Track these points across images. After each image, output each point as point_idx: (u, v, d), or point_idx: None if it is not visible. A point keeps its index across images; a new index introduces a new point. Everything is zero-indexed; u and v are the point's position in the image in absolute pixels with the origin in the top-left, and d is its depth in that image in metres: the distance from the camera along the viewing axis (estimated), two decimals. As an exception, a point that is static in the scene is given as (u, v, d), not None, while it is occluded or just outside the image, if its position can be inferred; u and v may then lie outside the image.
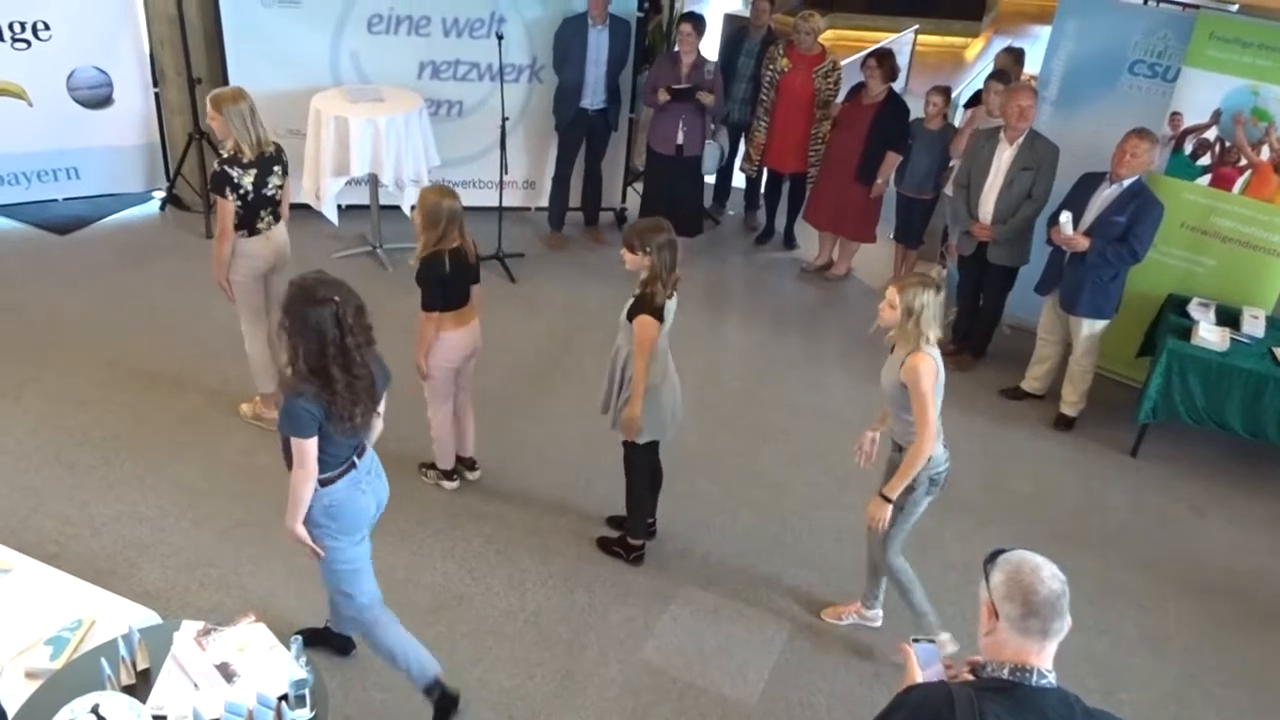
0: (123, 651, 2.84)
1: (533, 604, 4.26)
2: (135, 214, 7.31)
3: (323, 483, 3.21)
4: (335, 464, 3.22)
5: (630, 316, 3.97)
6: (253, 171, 4.59)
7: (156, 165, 7.32)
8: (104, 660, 2.78)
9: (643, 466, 4.34)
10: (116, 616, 3.15)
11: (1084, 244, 5.17)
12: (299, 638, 2.84)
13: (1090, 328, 5.41)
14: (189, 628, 3.01)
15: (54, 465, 4.80)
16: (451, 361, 4.48)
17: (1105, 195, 5.21)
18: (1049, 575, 2.08)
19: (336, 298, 3.04)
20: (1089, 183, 5.31)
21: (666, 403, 4.17)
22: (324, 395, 3.03)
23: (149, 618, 3.23)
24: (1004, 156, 5.57)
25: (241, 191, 4.58)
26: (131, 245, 6.87)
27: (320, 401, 3.03)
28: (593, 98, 6.89)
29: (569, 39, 6.76)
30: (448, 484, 4.81)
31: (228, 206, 4.58)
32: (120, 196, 7.31)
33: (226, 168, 4.54)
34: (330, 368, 3.04)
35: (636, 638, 4.15)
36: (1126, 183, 5.13)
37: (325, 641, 3.86)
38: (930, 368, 3.58)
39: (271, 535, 4.48)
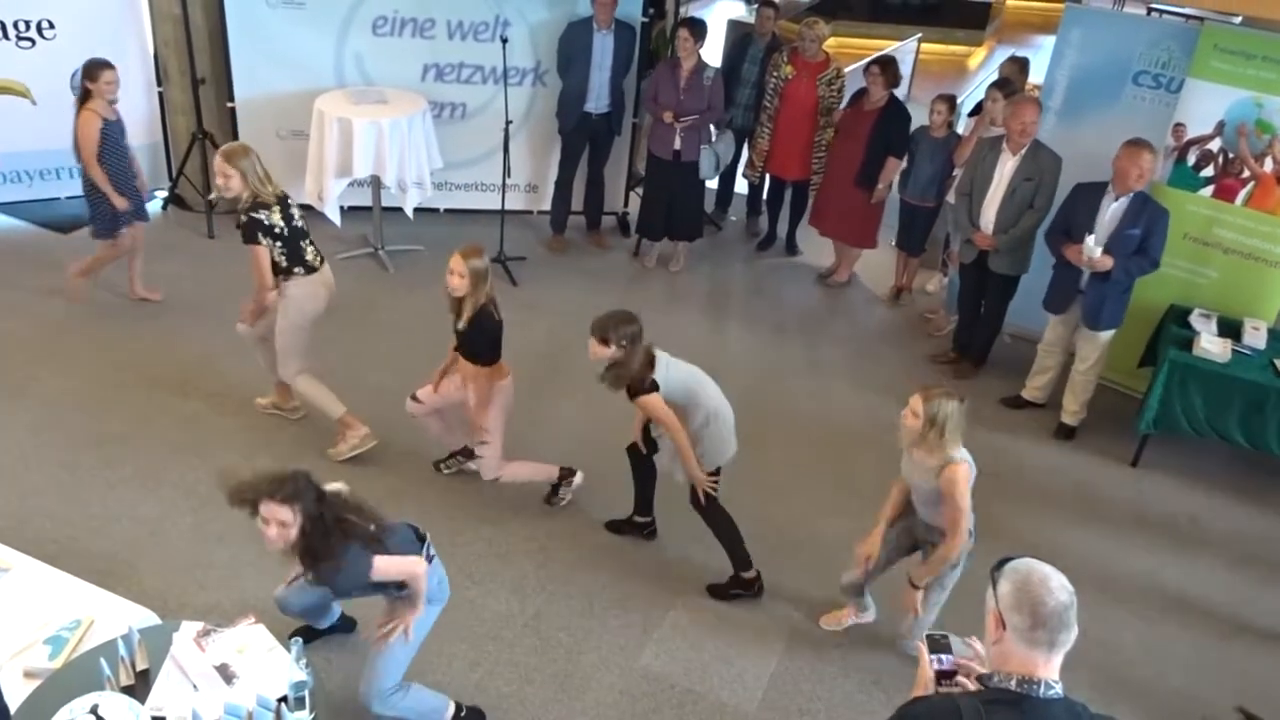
0: (122, 652, 2.84)
1: (532, 608, 4.25)
2: (137, 213, 7.30)
3: (429, 559, 3.26)
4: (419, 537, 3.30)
5: (632, 398, 3.99)
6: (277, 209, 4.57)
7: (159, 165, 7.32)
8: (103, 660, 2.78)
9: (716, 503, 4.30)
10: (116, 617, 3.15)
11: (1109, 263, 5.12)
12: (299, 639, 2.84)
13: (1104, 338, 5.41)
14: (188, 628, 3.00)
15: (54, 465, 4.79)
16: (509, 408, 4.53)
17: (1114, 209, 5.16)
18: (1057, 586, 2.06)
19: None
20: (1089, 196, 5.27)
21: (715, 434, 4.17)
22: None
23: (148, 618, 3.22)
24: (1006, 166, 5.57)
25: (277, 230, 4.55)
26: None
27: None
28: (597, 102, 6.90)
29: (574, 43, 6.77)
30: (567, 492, 4.80)
31: (264, 255, 4.55)
32: (123, 196, 7.29)
33: (254, 214, 4.51)
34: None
35: (636, 643, 4.15)
36: (1132, 193, 5.11)
37: (326, 633, 3.89)
38: (966, 476, 3.63)
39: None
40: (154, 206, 7.38)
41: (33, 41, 6.60)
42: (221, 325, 5.81)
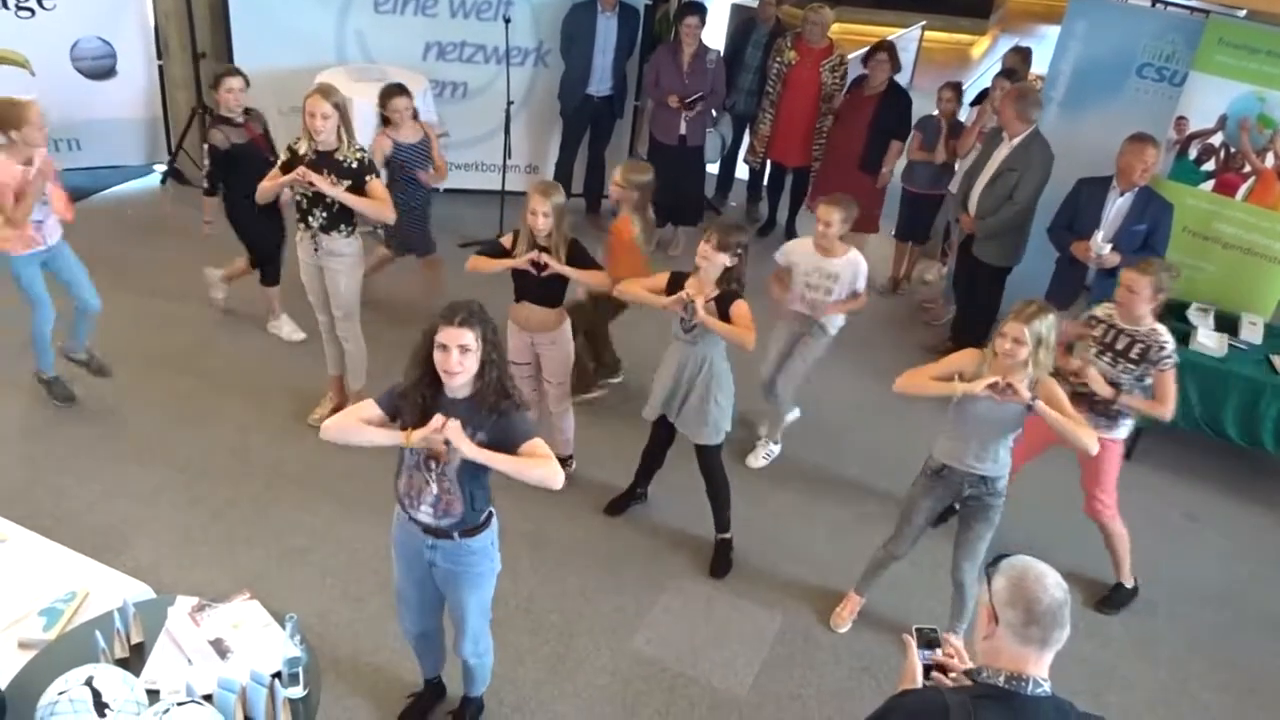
0: (117, 624, 2.84)
1: (525, 590, 4.27)
2: (136, 187, 7.29)
3: (494, 515, 3.19)
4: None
5: (725, 310, 4.01)
6: None
7: (158, 139, 7.30)
8: (98, 633, 2.78)
9: (720, 464, 4.36)
10: (110, 590, 3.15)
11: (1118, 260, 5.01)
12: (294, 615, 2.84)
13: None
14: (184, 603, 3.00)
15: (52, 439, 4.79)
16: None
17: (1119, 206, 5.10)
18: (1053, 584, 2.06)
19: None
20: (1093, 192, 5.20)
21: (730, 398, 4.27)
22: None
23: (143, 592, 3.22)
24: (1000, 154, 5.56)
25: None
26: (132, 218, 6.85)
27: None
28: (599, 84, 6.87)
29: (578, 25, 6.74)
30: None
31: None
32: (121, 169, 7.28)
33: (370, 157, 4.67)
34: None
35: (628, 626, 4.16)
36: (1136, 189, 5.08)
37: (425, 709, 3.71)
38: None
39: (265, 515, 4.49)
40: (153, 181, 7.38)
41: (32, 12, 6.57)
42: (219, 302, 5.81)
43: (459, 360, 2.82)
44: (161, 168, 7.37)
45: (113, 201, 7.08)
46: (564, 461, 4.85)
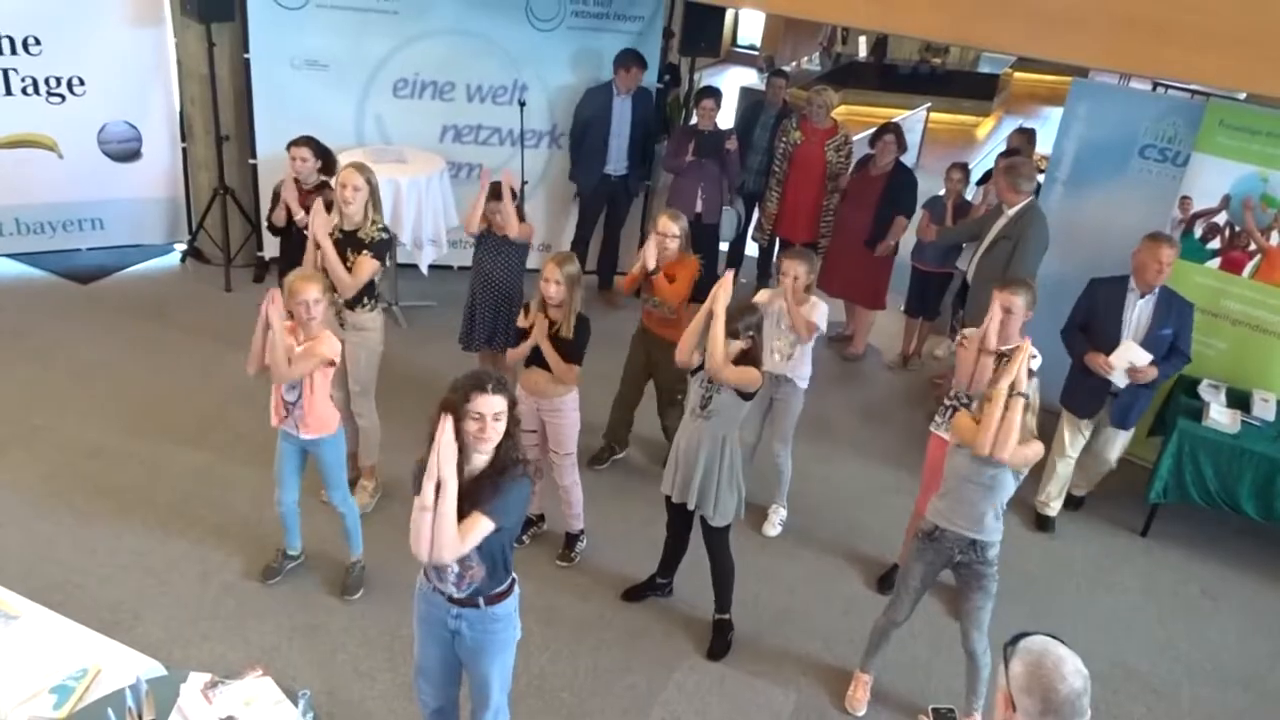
0: (129, 702, 2.83)
1: (536, 668, 4.22)
2: (156, 265, 7.43)
3: (516, 580, 3.20)
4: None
5: (747, 392, 4.06)
6: None
7: (179, 218, 7.45)
8: (110, 711, 2.77)
9: (727, 545, 4.35)
10: (122, 666, 3.13)
11: (1154, 374, 4.95)
12: (307, 692, 2.83)
13: (1130, 434, 5.33)
14: (196, 680, 2.99)
15: (65, 512, 4.81)
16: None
17: (1141, 308, 4.97)
18: (1071, 671, 2.02)
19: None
20: (1110, 294, 5.02)
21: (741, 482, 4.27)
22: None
23: (155, 668, 3.20)
24: (997, 225, 5.64)
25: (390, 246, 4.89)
26: (152, 296, 6.96)
27: None
28: (616, 164, 7.05)
29: (594, 107, 6.93)
30: (580, 549, 4.89)
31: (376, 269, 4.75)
32: (142, 248, 7.43)
33: (387, 234, 4.78)
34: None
35: (641, 705, 4.11)
36: (1157, 290, 4.96)
37: None
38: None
39: (277, 590, 4.48)
40: (173, 259, 7.52)
41: (63, 97, 6.77)
42: (236, 380, 5.86)
43: (492, 427, 2.86)
44: (182, 246, 7.51)
45: (135, 279, 7.21)
46: (574, 539, 4.85)
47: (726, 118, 8.05)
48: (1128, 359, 4.92)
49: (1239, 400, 5.44)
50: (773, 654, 4.43)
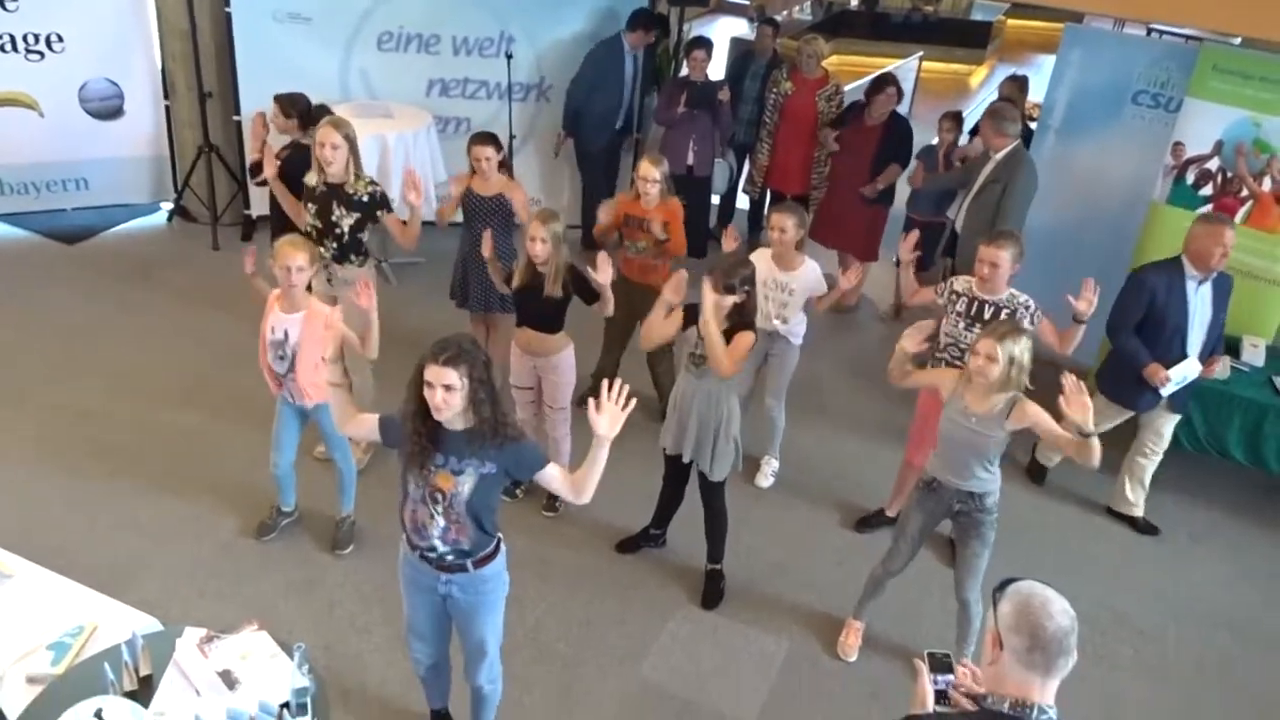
0: (125, 657, 2.85)
1: (531, 620, 4.26)
2: (142, 224, 7.37)
3: (501, 539, 3.20)
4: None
5: (735, 331, 4.02)
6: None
7: (164, 177, 7.38)
8: (107, 665, 2.79)
9: (723, 498, 4.37)
10: (118, 623, 3.16)
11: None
12: (302, 645, 2.85)
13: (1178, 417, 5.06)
14: (191, 634, 3.01)
15: (58, 474, 4.82)
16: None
17: (1204, 295, 4.68)
18: (1059, 610, 2.05)
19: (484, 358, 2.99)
20: (1168, 285, 4.64)
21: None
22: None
23: (151, 624, 3.23)
24: (985, 170, 5.61)
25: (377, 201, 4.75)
26: (139, 256, 6.92)
27: None
28: (623, 120, 7.00)
29: (607, 63, 6.86)
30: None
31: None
32: (128, 207, 7.36)
33: (374, 191, 4.73)
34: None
35: (635, 654, 4.16)
36: (1214, 274, 4.69)
37: None
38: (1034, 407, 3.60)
39: (271, 548, 4.50)
40: (159, 218, 7.46)
41: (42, 54, 6.67)
42: (225, 339, 5.85)
43: (444, 398, 2.86)
44: (168, 205, 7.45)
45: (121, 239, 7.15)
46: None
47: (717, 69, 7.95)
48: (1184, 373, 4.65)
49: (1229, 347, 5.45)
50: (765, 603, 4.47)
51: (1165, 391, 4.70)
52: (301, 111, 5.37)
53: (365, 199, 4.62)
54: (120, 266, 6.74)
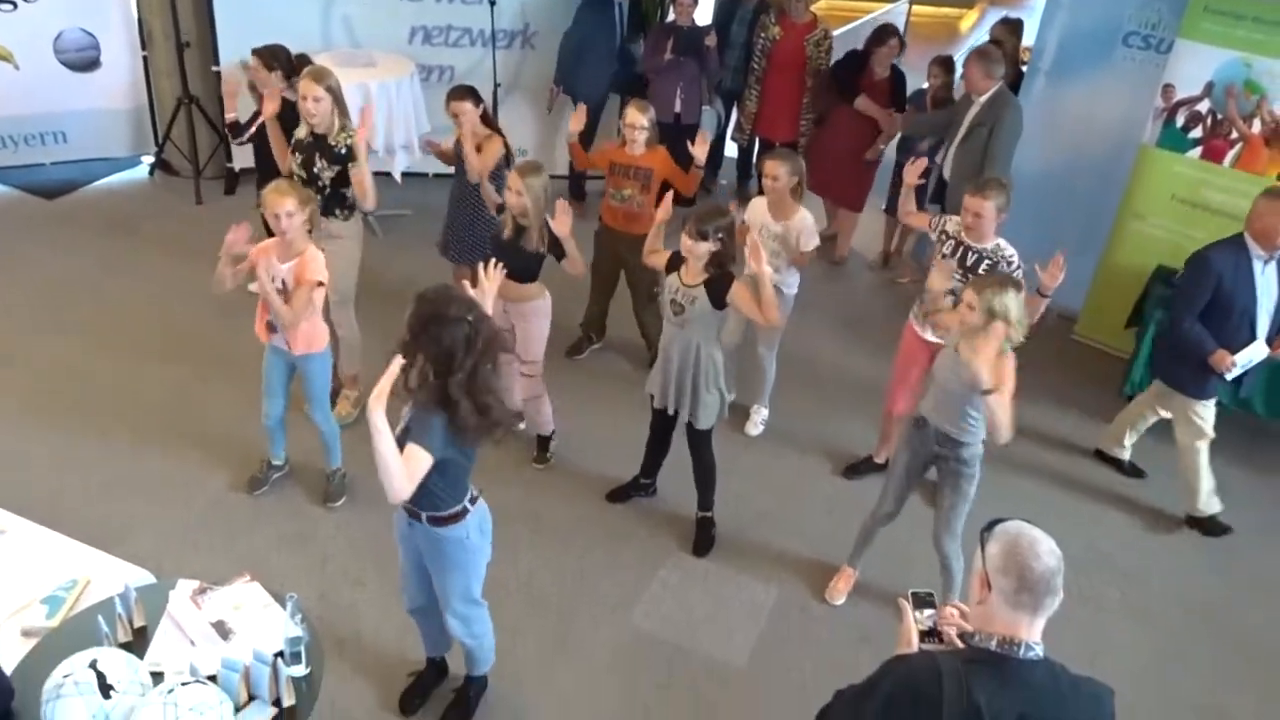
0: (119, 609, 2.87)
1: (524, 569, 4.30)
2: (124, 178, 7.28)
3: (472, 501, 3.14)
4: (469, 486, 3.14)
5: (719, 300, 3.98)
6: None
7: (144, 129, 7.28)
8: (100, 618, 2.81)
9: (709, 446, 4.38)
10: (111, 577, 3.17)
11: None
12: (294, 595, 2.87)
13: None
14: (185, 586, 3.03)
15: (45, 431, 4.80)
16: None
17: (1270, 274, 4.45)
18: (1046, 551, 2.07)
19: (470, 318, 2.88)
20: (1235, 265, 4.41)
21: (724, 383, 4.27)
22: (452, 425, 2.87)
23: (144, 577, 3.24)
24: (970, 114, 5.56)
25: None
26: (121, 210, 6.84)
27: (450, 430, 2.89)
28: (618, 67, 6.94)
29: (594, 22, 6.77)
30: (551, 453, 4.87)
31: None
32: (109, 161, 7.26)
33: (355, 138, 4.61)
34: (457, 397, 2.85)
35: (626, 602, 4.20)
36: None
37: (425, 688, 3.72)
38: (1011, 370, 3.55)
39: (263, 502, 4.51)
40: (141, 172, 7.36)
41: (14, 4, 6.53)
42: (208, 292, 5.79)
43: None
44: (149, 159, 7.35)
45: (102, 193, 7.06)
46: (546, 441, 4.86)
47: (704, 14, 7.84)
48: (1249, 357, 4.48)
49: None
50: (755, 551, 4.51)
51: (1230, 376, 4.53)
52: (284, 63, 5.28)
53: (343, 151, 4.56)
54: (102, 221, 6.66)
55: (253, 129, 5.10)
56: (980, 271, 4.18)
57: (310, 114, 4.48)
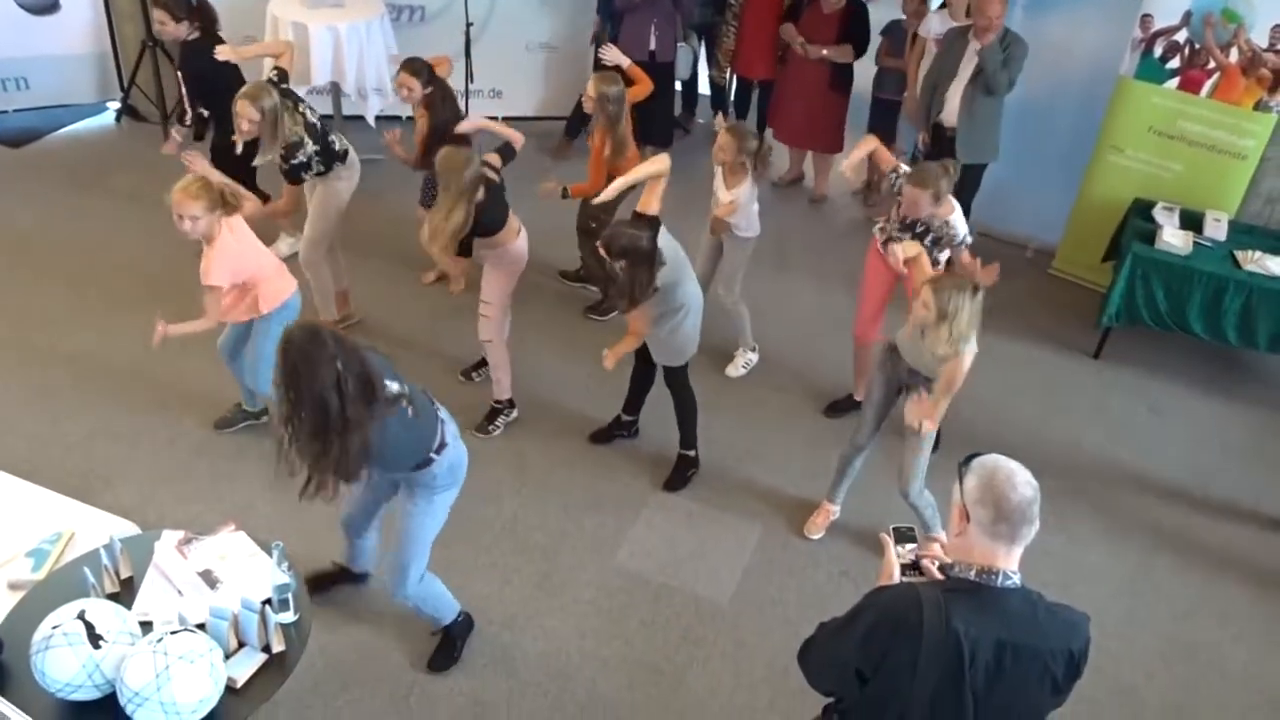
0: (105, 561, 2.87)
1: (509, 512, 4.33)
2: (90, 125, 7.12)
3: (438, 450, 3.11)
4: (429, 436, 3.10)
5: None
6: (304, 132, 4.61)
7: (109, 75, 7.10)
8: (87, 570, 2.82)
9: (686, 382, 4.40)
10: (96, 529, 3.18)
11: None
12: (280, 544, 2.88)
13: None
14: (170, 537, 3.04)
15: (22, 385, 4.76)
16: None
17: None
18: (1022, 482, 2.10)
19: (339, 362, 2.68)
20: None
21: (695, 324, 4.26)
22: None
23: (128, 528, 3.25)
24: (970, 50, 5.47)
25: (313, 155, 4.62)
26: (88, 158, 6.70)
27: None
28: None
29: None
30: (502, 421, 4.77)
31: (303, 190, 4.66)
32: (73, 108, 7.09)
33: (293, 161, 4.53)
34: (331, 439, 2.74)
35: (611, 542, 4.25)
36: None
37: (336, 581, 3.85)
38: (965, 368, 3.61)
39: (247, 449, 4.51)
40: (107, 119, 7.20)
41: (-31, -54, 6.32)
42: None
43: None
44: (115, 105, 7.19)
45: (68, 141, 6.92)
46: (494, 411, 4.75)
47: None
48: None
49: (1192, 222, 5.49)
50: (738, 488, 4.56)
51: None
52: (190, 10, 5.12)
53: (287, 169, 4.55)
54: (69, 169, 6.53)
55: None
56: (926, 241, 4.26)
57: (244, 133, 4.49)
